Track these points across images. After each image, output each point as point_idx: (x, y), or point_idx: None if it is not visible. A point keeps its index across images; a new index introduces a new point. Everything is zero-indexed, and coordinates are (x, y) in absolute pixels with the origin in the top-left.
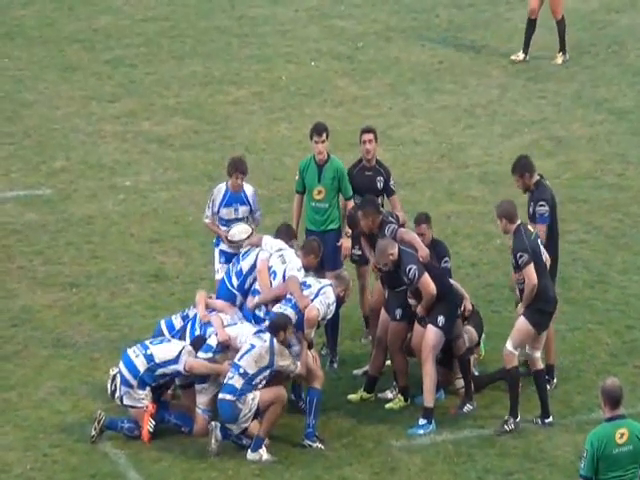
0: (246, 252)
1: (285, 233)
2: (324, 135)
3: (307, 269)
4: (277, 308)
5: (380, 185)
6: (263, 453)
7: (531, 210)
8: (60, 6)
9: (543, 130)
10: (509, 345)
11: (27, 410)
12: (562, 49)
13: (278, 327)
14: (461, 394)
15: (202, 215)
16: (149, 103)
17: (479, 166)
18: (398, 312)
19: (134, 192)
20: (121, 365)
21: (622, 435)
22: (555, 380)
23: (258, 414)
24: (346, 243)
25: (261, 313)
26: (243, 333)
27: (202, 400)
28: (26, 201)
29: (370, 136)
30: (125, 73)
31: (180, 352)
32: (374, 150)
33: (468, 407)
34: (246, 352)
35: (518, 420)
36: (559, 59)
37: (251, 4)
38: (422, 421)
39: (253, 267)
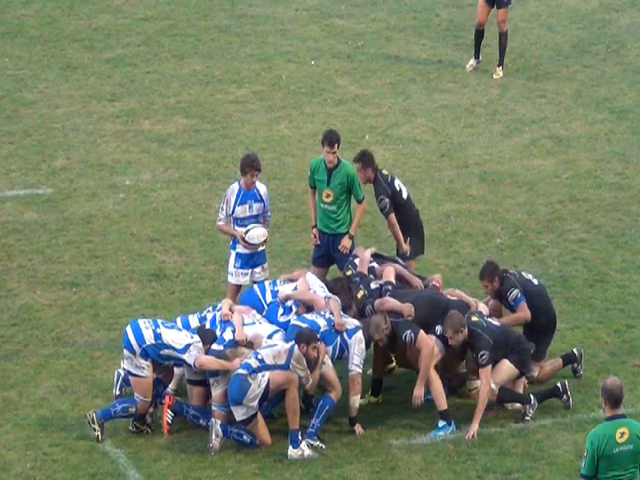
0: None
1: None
2: (336, 146)
3: (343, 309)
4: (311, 315)
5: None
6: (305, 449)
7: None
8: (60, 5)
9: (543, 129)
10: (492, 384)
11: (27, 409)
12: (501, 63)
13: (300, 339)
14: (471, 395)
15: (202, 214)
16: (149, 102)
17: (479, 165)
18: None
19: (134, 191)
20: (128, 329)
21: (623, 434)
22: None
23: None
24: (346, 243)
25: (289, 303)
26: (261, 333)
27: (215, 393)
28: (26, 200)
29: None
30: (125, 72)
31: (188, 345)
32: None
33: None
34: (269, 346)
35: (533, 402)
36: (499, 72)
37: (251, 3)
38: (441, 423)
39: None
